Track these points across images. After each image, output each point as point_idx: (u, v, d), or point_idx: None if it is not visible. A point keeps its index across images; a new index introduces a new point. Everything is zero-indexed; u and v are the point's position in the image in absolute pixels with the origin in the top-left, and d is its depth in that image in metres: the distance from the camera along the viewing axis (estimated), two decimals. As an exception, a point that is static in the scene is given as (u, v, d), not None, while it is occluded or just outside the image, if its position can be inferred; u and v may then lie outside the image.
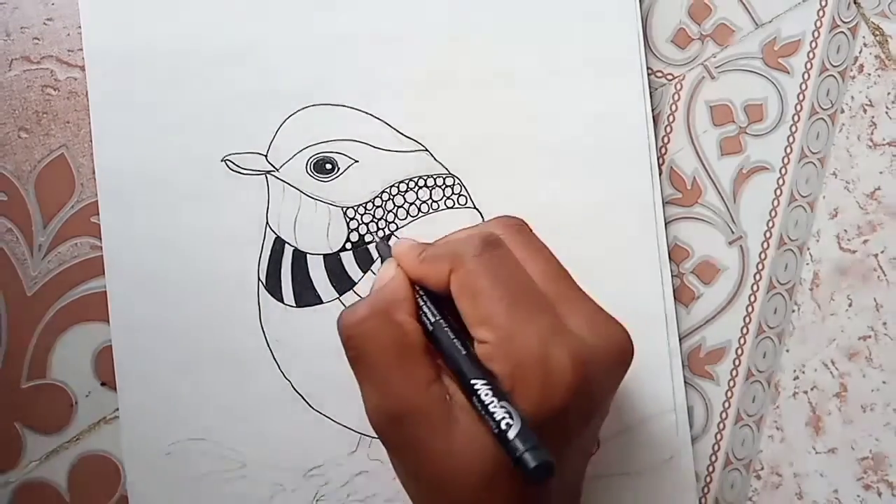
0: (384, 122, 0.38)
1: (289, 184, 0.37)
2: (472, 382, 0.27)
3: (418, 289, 0.30)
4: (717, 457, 0.39)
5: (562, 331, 0.28)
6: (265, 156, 0.37)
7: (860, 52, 0.42)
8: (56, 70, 0.37)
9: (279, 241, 0.37)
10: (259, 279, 0.36)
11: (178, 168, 0.36)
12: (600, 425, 0.31)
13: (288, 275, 0.37)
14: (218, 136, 0.37)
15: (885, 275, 0.41)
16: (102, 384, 0.36)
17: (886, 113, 0.42)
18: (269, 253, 0.37)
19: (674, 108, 0.40)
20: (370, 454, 0.37)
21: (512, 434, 0.25)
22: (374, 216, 0.37)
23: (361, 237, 0.37)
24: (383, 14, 0.38)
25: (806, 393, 0.41)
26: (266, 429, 0.36)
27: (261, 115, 0.37)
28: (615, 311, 0.30)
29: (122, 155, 0.36)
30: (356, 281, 0.37)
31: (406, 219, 0.37)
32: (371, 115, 0.38)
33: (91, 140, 0.36)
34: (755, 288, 0.40)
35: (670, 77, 0.41)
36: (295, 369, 0.36)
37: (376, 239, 0.37)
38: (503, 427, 0.25)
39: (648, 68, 0.40)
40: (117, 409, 0.36)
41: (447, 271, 0.29)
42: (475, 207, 0.38)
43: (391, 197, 0.37)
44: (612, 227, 0.38)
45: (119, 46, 0.37)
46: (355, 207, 0.37)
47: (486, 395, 0.26)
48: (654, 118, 0.40)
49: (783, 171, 0.41)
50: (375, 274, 0.36)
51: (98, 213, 0.36)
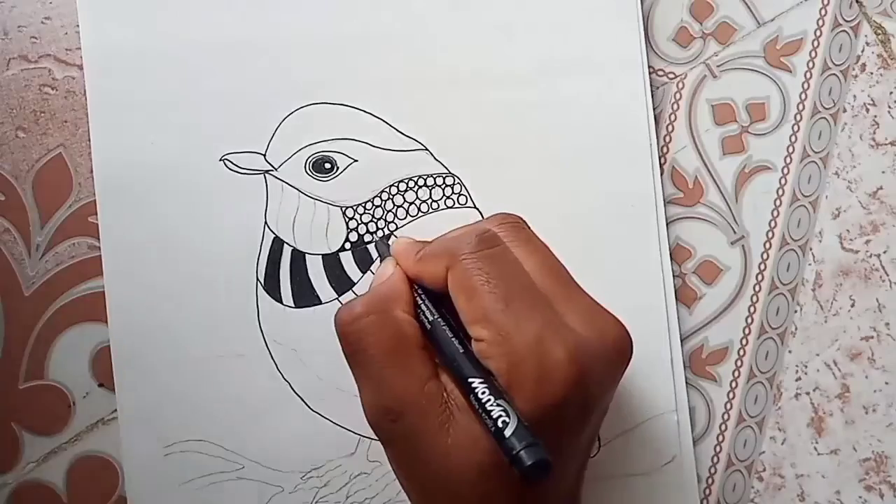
0: (384, 121, 0.38)
1: (287, 183, 0.37)
2: (469, 380, 0.27)
3: (416, 287, 0.30)
4: (718, 458, 0.39)
5: (558, 326, 0.28)
6: (264, 155, 0.37)
7: (862, 51, 0.42)
8: (54, 69, 0.37)
9: (278, 240, 0.37)
10: (257, 279, 0.36)
11: (176, 167, 0.36)
12: (599, 424, 0.30)
13: (287, 275, 0.36)
14: (216, 136, 0.37)
15: (888, 275, 0.41)
16: (100, 385, 0.36)
17: (889, 112, 0.42)
18: (267, 253, 0.36)
19: (675, 106, 0.40)
20: (369, 455, 0.36)
21: (508, 432, 0.25)
22: (373, 216, 0.37)
23: (361, 237, 0.37)
24: (383, 13, 0.38)
25: (808, 394, 0.40)
26: (265, 430, 0.36)
27: (259, 114, 0.37)
28: (616, 311, 0.30)
29: (120, 154, 0.36)
30: (355, 281, 0.37)
31: (406, 218, 0.37)
32: (371, 114, 0.37)
33: (89, 139, 0.36)
34: (757, 288, 0.40)
35: (672, 76, 0.40)
36: (294, 370, 0.36)
37: (375, 238, 0.37)
38: (499, 425, 0.25)
39: (650, 67, 0.40)
40: (115, 410, 0.36)
41: (444, 269, 0.29)
42: (475, 207, 0.38)
43: (391, 196, 0.37)
44: (614, 226, 0.38)
45: (117, 46, 0.36)
46: (354, 207, 0.37)
47: (483, 393, 0.26)
48: (655, 117, 0.39)
49: (785, 170, 0.41)
50: (374, 274, 0.36)
51: (96, 213, 0.36)
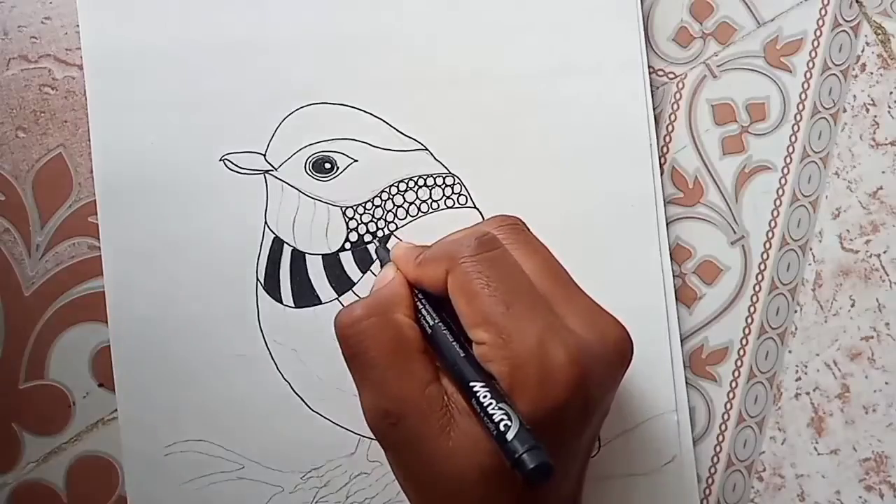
0: (384, 121, 0.38)
1: (287, 183, 0.37)
2: (471, 384, 0.27)
3: (417, 291, 0.30)
4: (718, 458, 0.39)
5: (559, 329, 0.28)
6: (264, 155, 0.37)
7: (862, 51, 0.42)
8: (54, 69, 0.37)
9: (278, 240, 0.36)
10: (257, 279, 0.36)
11: (176, 167, 0.36)
12: (600, 425, 0.30)
13: (287, 275, 0.36)
14: (216, 136, 0.37)
15: (888, 275, 0.41)
16: (100, 385, 0.36)
17: (889, 112, 0.42)
18: (267, 253, 0.36)
19: (675, 106, 0.40)
20: (369, 455, 0.36)
21: (510, 435, 0.25)
22: (373, 216, 0.37)
23: (361, 237, 0.37)
24: (383, 13, 0.38)
25: (808, 394, 0.40)
26: (265, 430, 0.36)
27: (259, 114, 0.37)
28: (616, 311, 0.30)
29: (120, 154, 0.36)
30: (355, 281, 0.37)
31: (406, 218, 0.37)
32: (371, 113, 0.37)
33: (89, 139, 0.36)
34: (757, 288, 0.40)
35: (672, 76, 0.40)
36: (294, 370, 0.36)
37: (375, 242, 0.37)
38: (501, 428, 0.25)
39: (650, 67, 0.40)
40: (115, 410, 0.36)
41: (444, 273, 0.29)
42: (475, 207, 0.38)
43: (391, 196, 0.37)
44: (613, 226, 0.38)
45: (117, 46, 0.36)
46: (354, 207, 0.37)
47: (485, 396, 0.26)
48: (655, 117, 0.39)
49: (785, 170, 0.41)
50: (374, 274, 0.36)
51: (96, 213, 0.36)
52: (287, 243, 0.37)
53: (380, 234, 0.37)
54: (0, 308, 0.36)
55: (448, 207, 0.38)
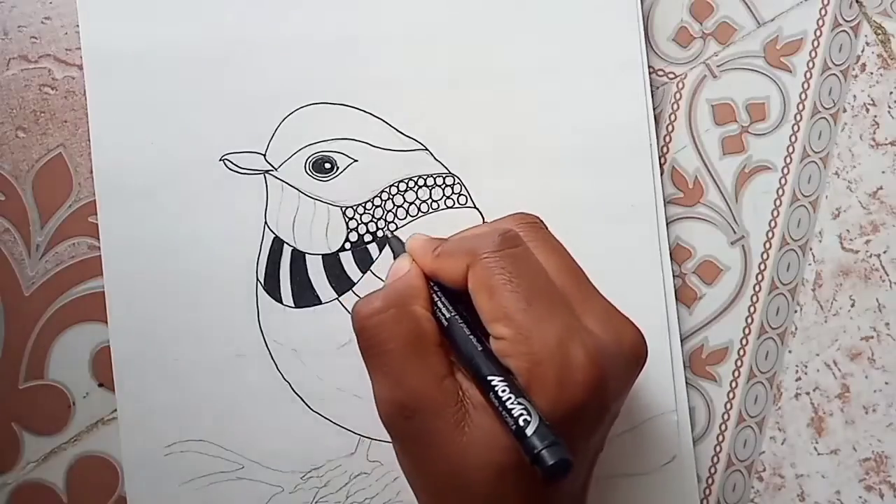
0: (384, 121, 0.38)
1: (287, 183, 0.37)
2: (490, 378, 0.27)
3: (433, 284, 0.30)
4: (718, 458, 0.39)
5: (579, 329, 0.28)
6: (264, 155, 0.37)
7: (862, 51, 0.42)
8: (54, 69, 0.37)
9: (278, 240, 0.36)
10: (257, 279, 0.36)
11: (176, 167, 0.36)
12: (610, 427, 0.30)
13: (287, 275, 0.36)
14: (216, 136, 0.37)
15: (888, 275, 0.41)
16: (100, 385, 0.36)
17: (889, 112, 0.42)
18: (267, 253, 0.36)
19: (675, 106, 0.40)
20: (369, 456, 0.36)
21: (530, 431, 0.25)
22: (373, 216, 0.37)
23: (361, 237, 0.37)
24: (383, 13, 0.38)
25: (808, 394, 0.40)
26: (265, 430, 0.36)
27: (259, 113, 0.37)
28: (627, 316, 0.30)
29: (120, 154, 0.36)
30: (355, 281, 0.37)
31: (406, 218, 0.37)
32: (371, 114, 0.37)
33: (89, 139, 0.36)
34: (757, 288, 0.40)
35: (672, 76, 0.40)
36: (294, 370, 0.36)
37: (388, 234, 0.37)
38: (521, 424, 0.25)
39: (650, 67, 0.40)
40: (115, 410, 0.36)
41: (464, 267, 0.29)
42: (475, 207, 0.38)
43: (391, 196, 0.37)
44: (613, 226, 0.38)
45: (117, 46, 0.36)
46: (354, 207, 0.37)
47: (504, 391, 0.26)
48: (655, 117, 0.39)
49: (785, 170, 0.41)
50: (374, 274, 0.36)
51: (96, 213, 0.36)
52: (287, 243, 0.37)
53: (380, 234, 0.37)
54: (0, 308, 0.36)
55: (448, 207, 0.38)
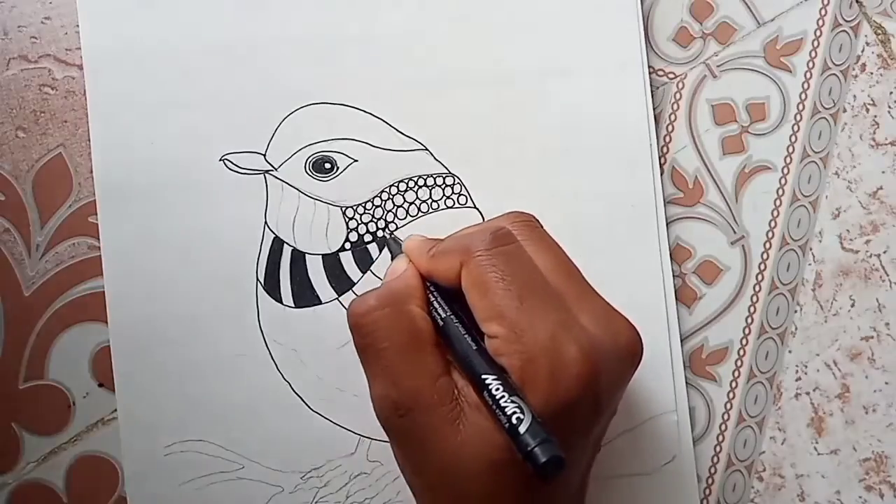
0: (384, 121, 0.38)
1: (287, 183, 0.37)
2: (483, 377, 0.27)
3: (429, 284, 0.30)
4: (718, 458, 0.39)
5: (572, 325, 0.28)
6: (264, 155, 0.37)
7: (862, 51, 0.42)
8: (54, 69, 0.37)
9: (278, 240, 0.36)
10: (257, 279, 0.36)
11: (176, 167, 0.36)
12: (607, 426, 0.30)
13: (287, 275, 0.36)
14: (216, 136, 0.37)
15: (888, 275, 0.41)
16: (100, 385, 0.36)
17: (889, 112, 0.42)
18: (267, 253, 0.36)
19: (675, 106, 0.40)
20: (369, 455, 0.36)
21: (523, 428, 0.25)
22: (373, 216, 0.37)
23: (361, 237, 0.37)
24: (383, 13, 0.38)
25: (808, 394, 0.40)
26: (264, 430, 0.36)
27: (259, 114, 0.37)
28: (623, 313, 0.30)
29: (120, 154, 0.36)
30: (355, 281, 0.37)
31: (406, 218, 0.37)
32: (371, 114, 0.37)
33: (89, 139, 0.36)
34: (757, 288, 0.40)
35: (672, 76, 0.40)
36: (294, 370, 0.36)
37: (387, 235, 0.37)
38: (514, 421, 0.25)
39: (650, 67, 0.39)
40: (115, 410, 0.36)
41: (458, 266, 0.29)
42: (475, 207, 0.38)
43: (391, 196, 0.37)
44: (613, 226, 0.38)
45: (117, 46, 0.36)
46: (354, 207, 0.37)
47: (497, 389, 0.26)
48: (655, 117, 0.39)
49: (785, 170, 0.41)
50: (374, 274, 0.36)
51: (96, 213, 0.36)
52: (287, 243, 0.37)
53: (380, 234, 0.37)
54: (0, 308, 0.36)
55: (448, 207, 0.38)
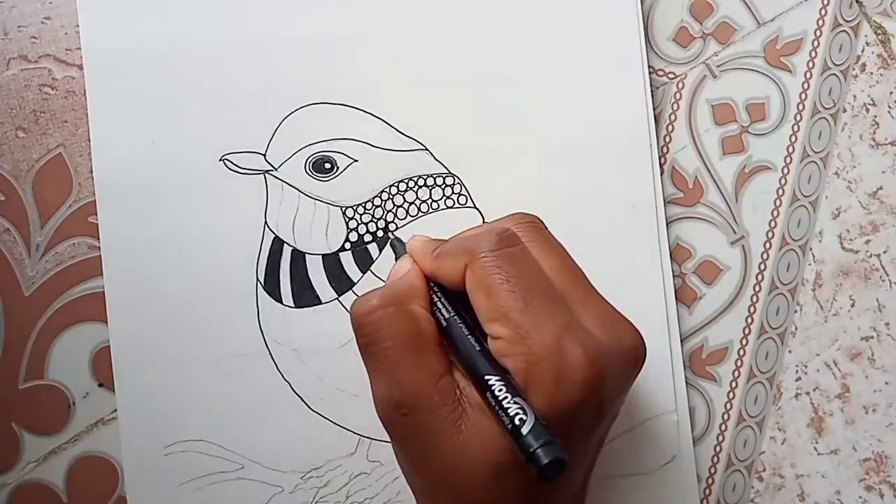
0: (384, 121, 0.38)
1: (287, 183, 0.37)
2: (486, 378, 0.27)
3: (433, 284, 0.30)
4: (718, 458, 0.39)
5: (576, 328, 0.27)
6: (264, 155, 0.37)
7: (862, 51, 0.42)
8: (54, 69, 0.37)
9: (278, 240, 0.36)
10: (257, 279, 0.36)
11: (176, 167, 0.36)
12: (609, 429, 0.30)
13: (287, 275, 0.36)
14: (216, 136, 0.37)
15: (888, 275, 0.41)
16: (100, 385, 0.36)
17: (889, 112, 0.42)
18: (267, 253, 0.36)
19: (675, 106, 0.40)
20: (369, 456, 0.36)
21: (525, 430, 0.25)
22: (373, 216, 0.37)
23: (360, 237, 0.37)
24: (383, 13, 0.38)
25: (808, 394, 0.40)
26: (265, 430, 0.36)
27: (259, 114, 0.37)
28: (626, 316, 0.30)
29: (120, 154, 0.36)
30: (355, 281, 0.37)
31: (406, 218, 0.37)
32: (371, 114, 0.37)
33: (89, 139, 0.36)
34: (757, 288, 0.40)
35: (672, 76, 0.40)
36: (294, 370, 0.36)
37: (391, 236, 0.37)
38: (517, 423, 0.25)
39: (650, 67, 0.39)
40: (115, 410, 0.36)
41: (462, 266, 0.29)
42: (475, 207, 0.38)
43: (391, 196, 0.37)
44: (613, 226, 0.38)
45: (117, 46, 0.36)
46: (354, 207, 0.37)
47: (500, 390, 0.26)
48: (655, 117, 0.39)
49: (785, 170, 0.41)
50: (374, 274, 0.36)
51: (96, 213, 0.36)
52: (287, 243, 0.37)
53: (380, 234, 0.37)
54: (0, 308, 0.36)
55: (448, 207, 0.38)
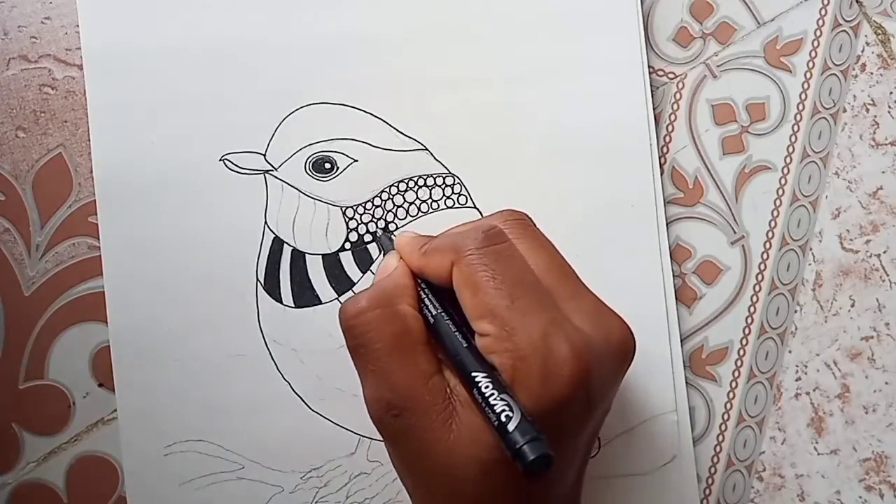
0: (384, 121, 0.38)
1: (287, 183, 0.37)
2: (473, 375, 0.27)
3: (420, 281, 0.30)
4: (718, 458, 0.39)
5: (563, 324, 0.27)
6: (264, 155, 0.37)
7: (862, 51, 0.42)
8: (54, 69, 0.37)
9: (278, 240, 0.36)
10: (257, 279, 0.36)
11: (176, 167, 0.36)
12: (601, 424, 0.30)
13: (286, 275, 0.36)
14: (216, 136, 0.37)
15: (888, 275, 0.41)
16: (100, 385, 0.36)
17: (889, 112, 0.42)
18: (267, 253, 0.36)
19: (675, 106, 0.40)
20: (369, 455, 0.36)
21: (511, 426, 0.25)
22: (373, 216, 0.37)
23: (360, 237, 0.37)
24: (383, 13, 0.38)
25: (808, 394, 0.40)
26: (265, 430, 0.36)
27: (259, 113, 0.37)
28: (616, 311, 0.30)
29: (120, 154, 0.36)
30: (355, 281, 0.37)
31: (406, 218, 0.37)
32: (371, 114, 0.37)
33: (89, 139, 0.36)
34: (757, 288, 0.40)
35: (672, 76, 0.40)
36: (294, 370, 0.36)
37: (378, 234, 0.37)
38: (503, 419, 0.25)
39: (650, 67, 0.39)
40: (115, 410, 0.36)
41: (449, 263, 0.29)
42: (475, 207, 0.38)
43: (391, 196, 0.37)
44: (613, 226, 0.38)
45: (117, 46, 0.36)
46: (354, 207, 0.37)
47: (487, 387, 0.26)
48: (655, 117, 0.39)
49: (785, 170, 0.41)
50: (374, 274, 0.36)
51: (96, 213, 0.36)
52: (287, 243, 0.37)
53: (379, 233, 0.37)
54: (0, 308, 0.36)
55: (448, 207, 0.38)
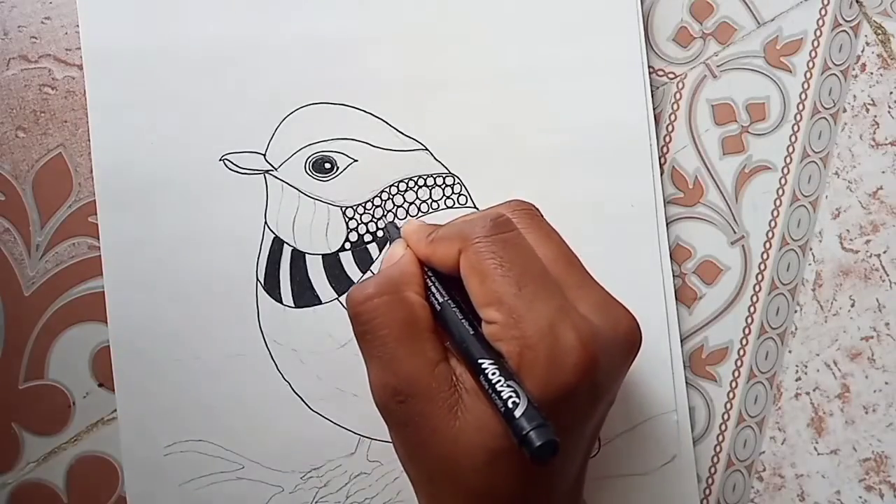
0: (384, 121, 0.38)
1: (287, 183, 0.37)
2: (480, 362, 0.27)
3: (427, 269, 0.30)
4: (718, 458, 0.39)
5: (570, 312, 0.28)
6: (264, 155, 0.37)
7: (862, 51, 0.42)
8: (54, 69, 0.37)
9: (278, 240, 0.36)
10: (257, 279, 0.36)
11: (176, 167, 0.36)
12: (605, 417, 0.30)
13: (286, 275, 0.36)
14: (216, 136, 0.37)
15: (888, 275, 0.41)
16: (100, 385, 0.36)
17: (889, 112, 0.42)
18: (267, 253, 0.36)
19: (675, 106, 0.40)
20: (369, 455, 0.36)
21: (518, 412, 0.25)
22: (373, 216, 0.37)
23: (361, 237, 0.37)
24: (383, 13, 0.38)
25: (808, 394, 0.40)
26: (265, 430, 0.36)
27: (259, 113, 0.37)
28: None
29: (120, 154, 0.36)
30: (355, 281, 0.37)
31: (405, 218, 0.37)
32: (371, 114, 0.37)
33: (89, 139, 0.36)
34: (757, 288, 0.40)
35: (672, 76, 0.40)
36: (294, 370, 0.36)
37: (386, 220, 0.37)
38: (509, 406, 0.25)
39: (650, 67, 0.40)
40: (115, 410, 0.36)
41: (456, 251, 0.29)
42: (475, 207, 0.38)
43: (391, 196, 0.37)
44: (613, 226, 0.38)
45: (117, 46, 0.36)
46: (354, 207, 0.37)
47: (493, 374, 0.26)
48: (655, 117, 0.39)
49: (785, 170, 0.41)
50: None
51: (96, 213, 0.36)
52: (287, 243, 0.37)
53: (380, 234, 0.37)
54: (0, 308, 0.36)
55: (448, 207, 0.38)
